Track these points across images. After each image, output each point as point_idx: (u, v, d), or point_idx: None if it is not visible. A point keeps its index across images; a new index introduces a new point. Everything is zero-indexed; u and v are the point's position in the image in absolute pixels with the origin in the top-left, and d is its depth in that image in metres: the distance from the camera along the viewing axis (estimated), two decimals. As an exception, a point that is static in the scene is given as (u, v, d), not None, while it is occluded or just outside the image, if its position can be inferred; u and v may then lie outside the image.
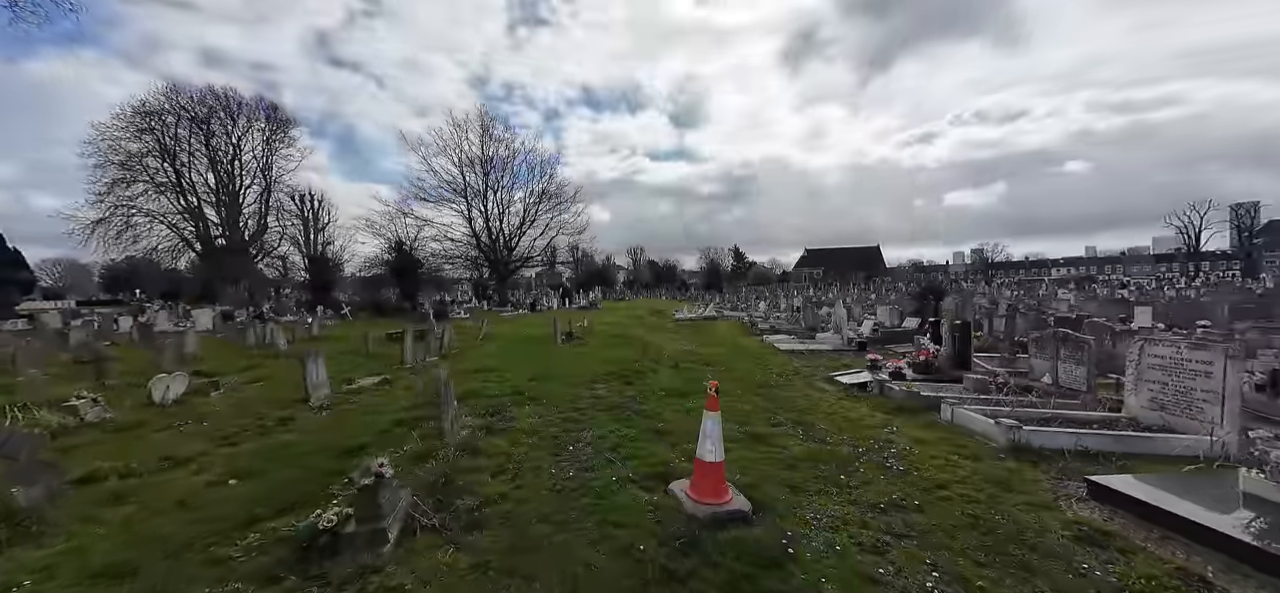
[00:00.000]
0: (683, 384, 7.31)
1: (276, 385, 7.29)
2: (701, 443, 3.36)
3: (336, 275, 37.01)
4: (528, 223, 34.38)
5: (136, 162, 33.56)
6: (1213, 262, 62.47)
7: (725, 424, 5.21)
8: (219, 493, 3.51)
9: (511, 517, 3.08)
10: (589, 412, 5.41)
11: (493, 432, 4.65)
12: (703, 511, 3.12)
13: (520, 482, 3.56)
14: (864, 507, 3.33)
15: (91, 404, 5.30)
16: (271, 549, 2.76)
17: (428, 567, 2.60)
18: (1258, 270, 53.47)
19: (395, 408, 5.67)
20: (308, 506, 3.28)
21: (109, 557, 2.70)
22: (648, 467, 3.93)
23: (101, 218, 31.98)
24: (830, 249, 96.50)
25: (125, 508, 3.29)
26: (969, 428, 4.81)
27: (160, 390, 5.97)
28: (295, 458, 4.11)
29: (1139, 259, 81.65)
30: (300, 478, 3.71)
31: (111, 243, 33.09)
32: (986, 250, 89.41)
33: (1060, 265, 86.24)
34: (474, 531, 2.97)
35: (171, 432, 5.02)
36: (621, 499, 3.34)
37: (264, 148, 39.01)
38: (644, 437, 4.70)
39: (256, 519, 3.10)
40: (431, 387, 5.03)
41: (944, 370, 7.39)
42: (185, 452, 4.36)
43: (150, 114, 33.98)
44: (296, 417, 5.42)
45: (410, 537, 2.92)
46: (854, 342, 12.22)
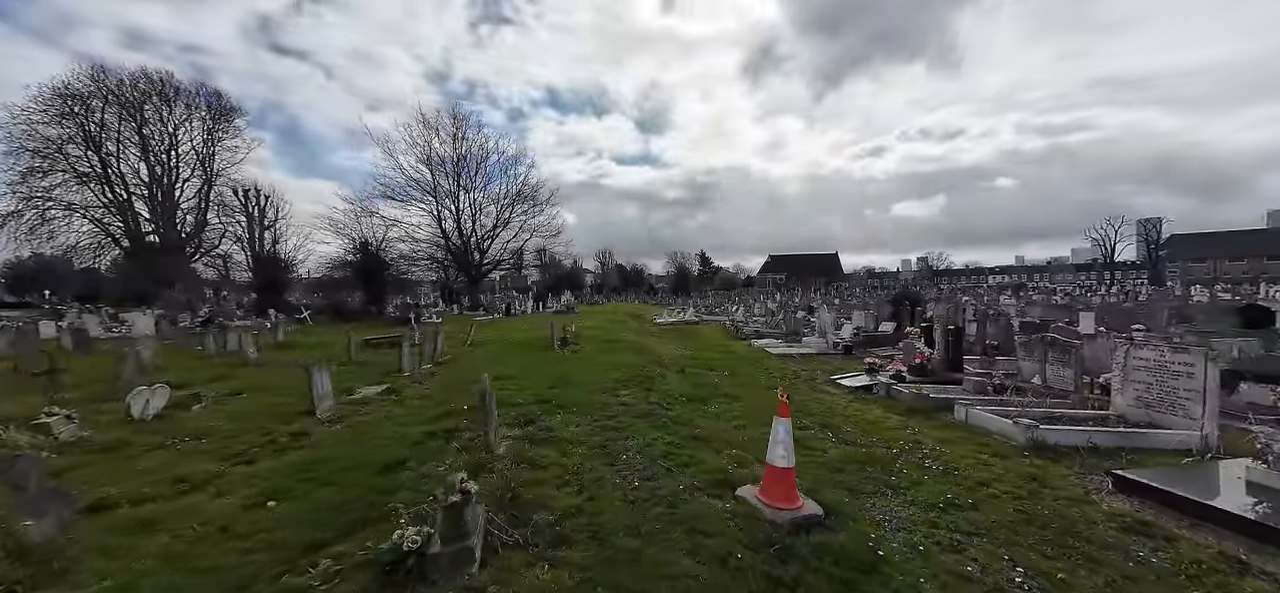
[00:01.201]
0: (696, 390, 7.38)
1: (266, 397, 6.75)
2: (773, 448, 3.43)
3: (287, 276, 34.64)
4: (501, 225, 33.52)
5: (55, 149, 30.10)
6: (1124, 271, 69.81)
7: (756, 429, 5.35)
8: (260, 517, 3.22)
9: (595, 530, 3.02)
10: (622, 419, 5.37)
11: (535, 442, 4.52)
12: (782, 516, 3.18)
13: (590, 494, 3.49)
14: (923, 507, 3.51)
15: (65, 421, 4.71)
16: (352, 576, 2.58)
17: (530, 586, 2.51)
18: (1163, 279, 60.25)
19: (420, 419, 5.40)
20: (369, 526, 3.09)
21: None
22: (704, 473, 3.96)
23: (13, 210, 28.43)
24: (792, 255, 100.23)
25: (158, 538, 2.95)
26: (984, 428, 5.15)
27: (140, 405, 5.38)
28: (329, 476, 3.84)
29: (1062, 268, 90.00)
30: (345, 497, 3.47)
31: (24, 238, 29.47)
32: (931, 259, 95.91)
33: (996, 273, 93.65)
34: (560, 546, 2.89)
35: (166, 450, 4.55)
36: (695, 507, 3.34)
37: (205, 138, 36.04)
38: (686, 443, 4.72)
39: (320, 544, 2.88)
40: (477, 398, 4.84)
41: (937, 373, 7.87)
42: (195, 472, 3.96)
43: (73, 97, 30.58)
44: (309, 432, 5.05)
45: (493, 555, 2.80)
46: (839, 346, 12.75)
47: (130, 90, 33.00)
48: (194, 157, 35.92)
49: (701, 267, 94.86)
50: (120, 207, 32.58)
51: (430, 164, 31.70)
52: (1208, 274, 65.55)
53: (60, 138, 30.65)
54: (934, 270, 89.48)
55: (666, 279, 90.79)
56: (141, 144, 33.46)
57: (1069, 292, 41.95)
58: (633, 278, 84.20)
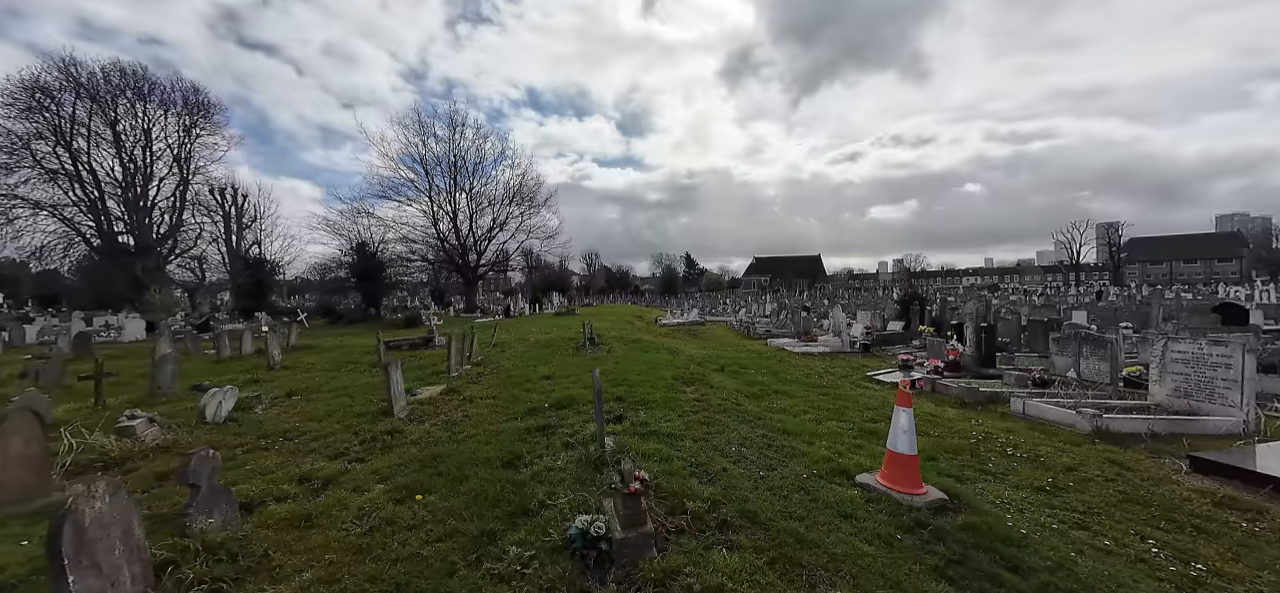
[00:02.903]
0: (748, 387, 7.59)
1: (325, 398, 6.66)
2: (896, 437, 3.65)
3: (273, 278, 33.53)
4: (498, 226, 33.19)
5: (21, 144, 28.41)
6: (1088, 273, 73.58)
7: (830, 422, 5.59)
8: (416, 510, 3.26)
9: (752, 515, 3.17)
10: (704, 415, 5.53)
11: (638, 436, 4.63)
12: (917, 501, 3.40)
13: (723, 483, 3.64)
14: (1029, 490, 3.79)
15: (148, 424, 4.59)
16: (546, 561, 2.66)
17: (720, 568, 2.64)
18: (1123, 280, 63.77)
19: (503, 417, 5.43)
20: (527, 517, 3.17)
21: (387, 584, 2.47)
22: (813, 463, 4.16)
23: (-27, 209, 26.69)
24: (777, 257, 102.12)
25: (326, 532, 2.97)
26: (1043, 418, 5.51)
27: (213, 407, 5.26)
28: (455, 471, 3.87)
29: (1030, 270, 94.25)
30: (484, 491, 3.52)
31: (-13, 238, 27.65)
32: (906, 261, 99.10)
33: (970, 274, 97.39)
34: (724, 531, 3.03)
35: (267, 451, 4.49)
36: (828, 493, 3.53)
37: (181, 135, 34.52)
38: (777, 435, 4.92)
39: (494, 533, 2.95)
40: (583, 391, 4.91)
41: (970, 368, 8.29)
42: (316, 470, 3.95)
43: (41, 90, 28.93)
44: (400, 430, 5.03)
45: (664, 541, 2.93)
46: (856, 344, 13.18)
47: (103, 84, 31.44)
48: (169, 154, 34.38)
49: (687, 268, 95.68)
50: (91, 205, 30.94)
51: (426, 164, 31.23)
52: (1165, 275, 69.72)
53: (27, 133, 28.99)
54: (911, 272, 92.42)
55: (652, 281, 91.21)
56: (114, 140, 31.89)
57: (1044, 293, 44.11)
58: (618, 279, 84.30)
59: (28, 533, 3.01)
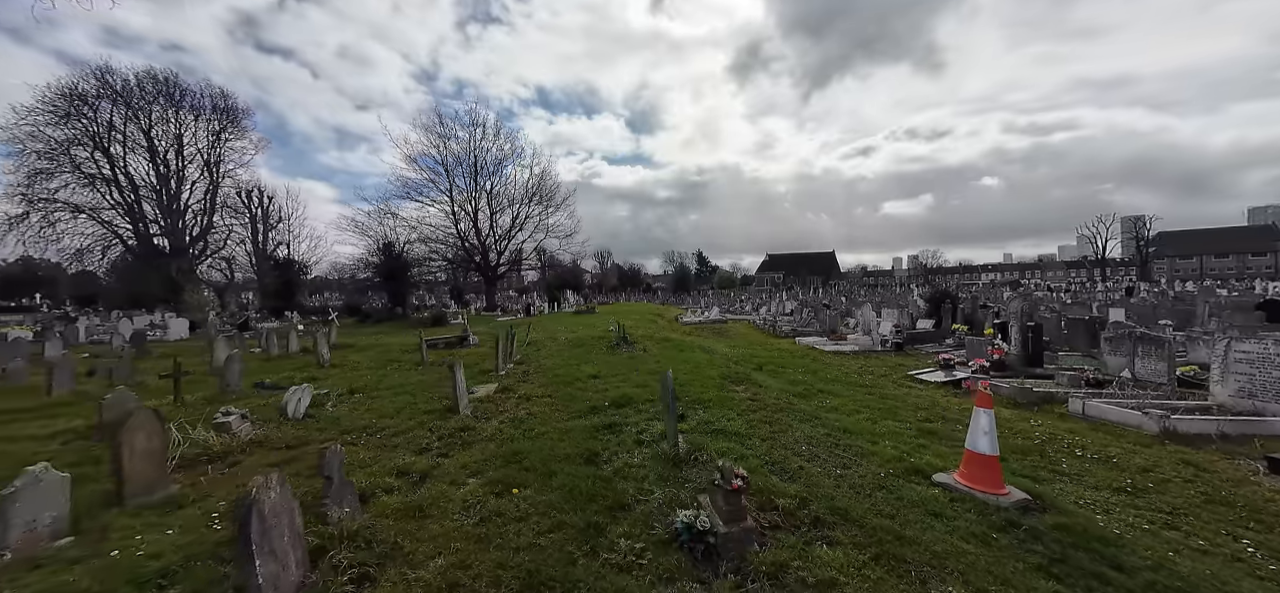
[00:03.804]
0: (792, 386, 7.65)
1: (388, 395, 6.92)
2: (976, 437, 3.71)
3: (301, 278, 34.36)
4: (517, 226, 33.55)
5: (61, 150, 29.50)
6: (1112, 268, 71.69)
7: (886, 422, 5.65)
8: (515, 504, 3.41)
9: (842, 512, 3.27)
10: (763, 414, 5.63)
11: (707, 434, 4.75)
12: (1002, 500, 3.46)
13: (804, 480, 3.74)
14: (1109, 491, 3.82)
15: (241, 421, 4.84)
16: (657, 552, 2.80)
17: (825, 562, 2.75)
18: (1151, 275, 62.01)
19: (567, 414, 5.60)
20: (623, 511, 3.31)
21: (517, 571, 2.63)
22: (885, 462, 4.23)
23: (20, 213, 27.81)
24: (790, 254, 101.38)
25: (441, 522, 3.15)
26: (1105, 418, 5.49)
27: (293, 404, 5.52)
28: (541, 466, 4.03)
29: (1053, 265, 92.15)
30: (575, 486, 3.66)
31: (32, 241, 28.80)
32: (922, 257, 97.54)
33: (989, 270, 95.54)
34: (818, 527, 3.14)
35: (351, 446, 4.70)
36: (911, 492, 3.61)
37: (211, 139, 35.48)
38: (839, 435, 5.00)
39: (599, 526, 3.09)
40: (663, 390, 5.07)
41: (1016, 368, 8.24)
42: (409, 465, 4.14)
43: (79, 98, 30.00)
44: (472, 427, 5.23)
45: (760, 536, 3.04)
46: (888, 343, 13.13)
47: (137, 90, 32.47)
48: (200, 158, 35.38)
49: (699, 266, 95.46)
50: (128, 208, 32.01)
51: (446, 164, 31.68)
52: (1195, 270, 67.62)
53: (66, 139, 30.08)
54: (928, 268, 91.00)
55: (664, 279, 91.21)
56: (149, 145, 32.92)
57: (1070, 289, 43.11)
58: (629, 277, 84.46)
59: (164, 523, 3.24)
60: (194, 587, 2.48)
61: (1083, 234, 77.47)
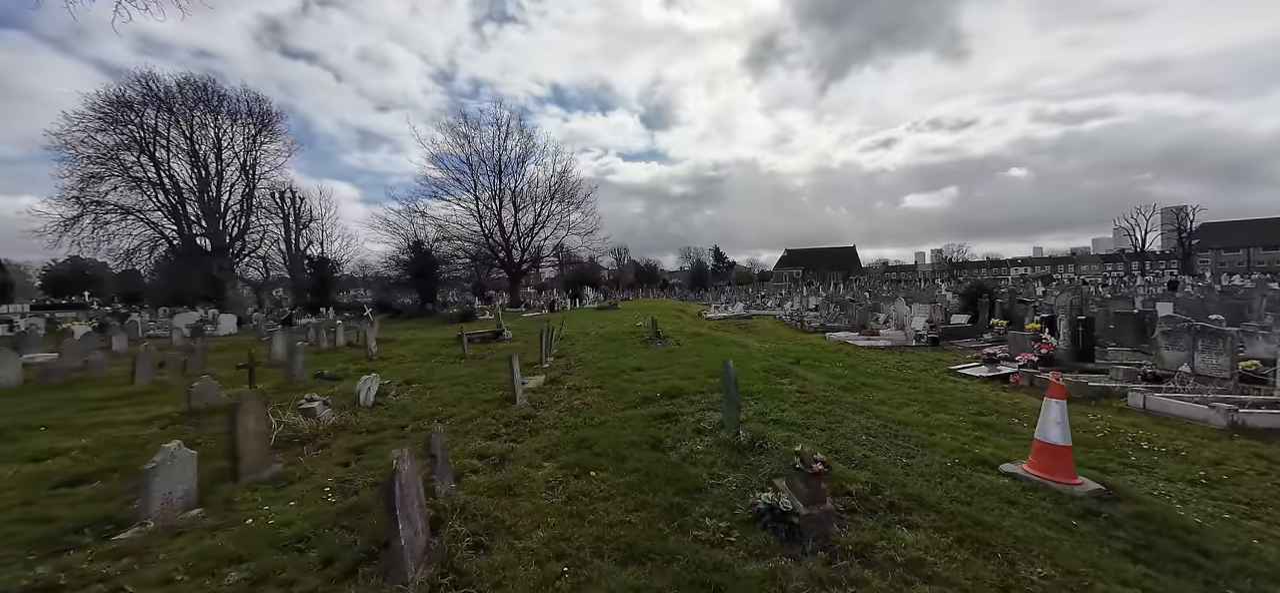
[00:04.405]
0: (833, 381, 7.69)
1: (445, 387, 7.22)
2: (1048, 428, 3.74)
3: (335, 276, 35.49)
4: (539, 224, 34.02)
5: (110, 156, 31.07)
6: (1151, 261, 68.68)
7: (940, 415, 5.66)
8: (596, 485, 3.59)
9: (917, 498, 3.35)
10: (815, 405, 5.71)
11: (762, 423, 4.86)
12: (1076, 490, 3.49)
13: (871, 468, 3.83)
14: (1181, 483, 3.80)
15: (323, 407, 5.16)
16: (743, 530, 2.93)
17: (908, 544, 2.84)
18: (1194, 269, 59.22)
19: (622, 404, 5.78)
20: (699, 493, 3.45)
21: (614, 543, 2.80)
22: (947, 452, 4.28)
23: (76, 215, 29.42)
24: (809, 249, 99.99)
25: (532, 500, 3.35)
26: (1167, 412, 5.40)
27: (365, 392, 5.84)
28: (611, 451, 4.21)
29: (1087, 259, 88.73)
30: (648, 470, 3.82)
31: (85, 242, 30.44)
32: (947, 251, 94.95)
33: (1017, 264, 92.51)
34: (895, 511, 3.23)
35: (424, 431, 4.97)
36: (982, 482, 3.67)
37: (247, 143, 36.83)
38: (896, 426, 5.05)
39: (682, 507, 3.24)
40: (725, 384, 5.19)
41: (1065, 363, 8.10)
42: (487, 449, 4.37)
43: (125, 105, 31.53)
44: (534, 415, 5.45)
45: (839, 518, 3.15)
46: (923, 338, 12.97)
47: (177, 96, 33.91)
48: (237, 160, 36.76)
49: (716, 261, 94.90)
50: (172, 210, 33.53)
51: (471, 164, 32.28)
52: (1241, 263, 64.31)
53: (115, 145, 31.64)
54: (953, 262, 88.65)
55: (680, 275, 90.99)
56: (189, 149, 34.39)
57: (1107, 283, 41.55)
58: (646, 274, 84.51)
59: (281, 496, 3.52)
60: (329, 551, 2.72)
61: (1120, 226, 74.30)
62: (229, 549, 2.73)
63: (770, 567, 2.60)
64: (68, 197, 29.95)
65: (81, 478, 3.90)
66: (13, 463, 4.20)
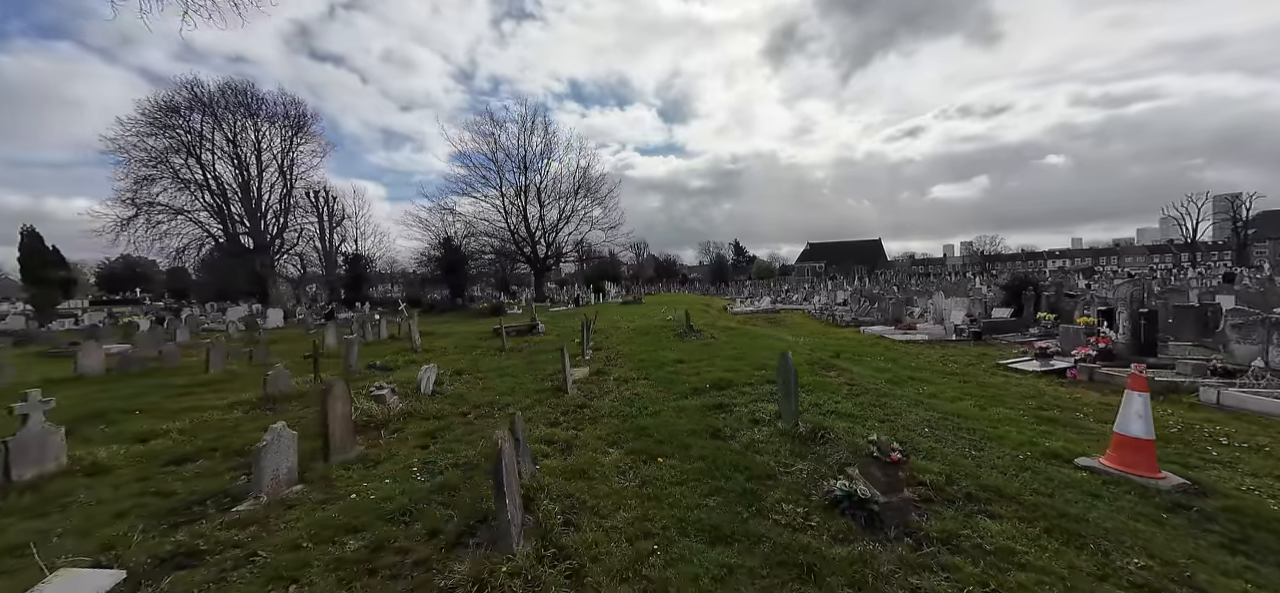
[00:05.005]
0: (878, 375, 7.59)
1: (493, 377, 7.45)
2: (1129, 421, 3.65)
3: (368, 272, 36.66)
4: (563, 219, 34.37)
5: (160, 159, 32.80)
6: (1203, 252, 64.77)
7: (997, 409, 5.56)
8: (666, 471, 3.69)
9: (995, 490, 3.33)
10: (867, 397, 5.69)
11: (818, 414, 4.88)
12: (1163, 484, 3.41)
13: (940, 459, 3.82)
14: (1270, 478, 3.65)
15: (391, 393, 5.42)
16: (823, 516, 2.98)
17: (991, 533, 2.84)
18: (1249, 260, 55.62)
19: (671, 394, 5.87)
20: (769, 479, 3.51)
21: (697, 525, 2.89)
22: (1015, 445, 4.21)
23: (131, 216, 31.22)
24: (832, 243, 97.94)
25: (606, 482, 3.47)
26: (1244, 408, 5.17)
27: (425, 381, 6.09)
28: (672, 439, 4.31)
29: (1132, 250, 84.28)
30: (713, 458, 3.89)
31: (140, 240, 32.28)
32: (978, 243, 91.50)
33: (1055, 256, 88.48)
34: (973, 501, 3.22)
35: (485, 418, 5.18)
36: (1059, 475, 3.61)
37: (284, 144, 38.28)
38: (955, 419, 4.99)
39: (753, 493, 3.31)
40: (782, 373, 5.24)
41: (1124, 357, 7.79)
42: (553, 436, 4.52)
43: (173, 110, 33.21)
44: (588, 404, 5.60)
45: (917, 507, 3.16)
46: (965, 332, 12.64)
47: (221, 101, 35.51)
48: (275, 162, 38.26)
49: (736, 256, 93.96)
50: (217, 210, 35.23)
51: (497, 160, 32.81)
52: (1305, 255, 60.06)
53: (164, 148, 33.38)
54: (985, 255, 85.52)
55: (700, 269, 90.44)
56: (232, 151, 36.02)
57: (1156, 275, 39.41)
58: (665, 268, 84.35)
59: (372, 474, 3.74)
60: (431, 523, 2.90)
61: (1168, 216, 70.19)
62: (342, 521, 2.94)
63: (858, 551, 2.64)
64: (123, 198, 31.76)
65: (186, 457, 4.22)
66: (121, 443, 4.57)
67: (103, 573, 2.30)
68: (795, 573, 2.47)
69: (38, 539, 2.88)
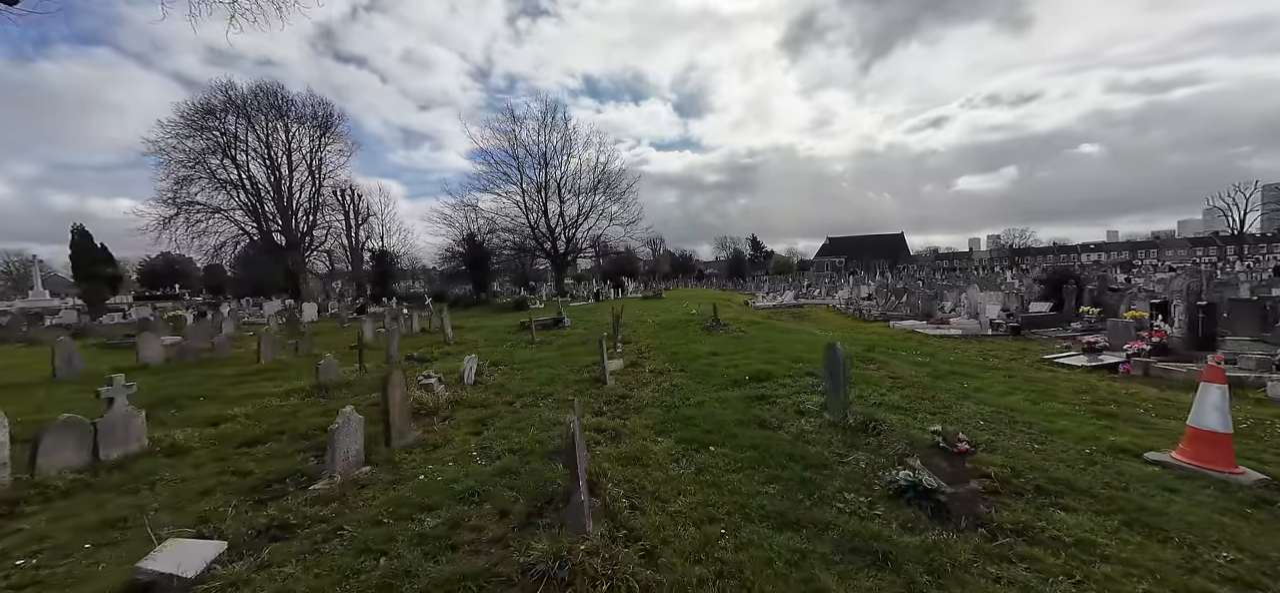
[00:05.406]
0: (918, 369, 7.44)
1: (532, 369, 7.58)
2: (1204, 414, 3.51)
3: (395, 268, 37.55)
4: (583, 215, 34.54)
5: (198, 159, 34.13)
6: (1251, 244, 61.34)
7: (1050, 403, 5.40)
8: (717, 459, 3.71)
9: (1065, 483, 3.25)
10: (913, 390, 5.59)
11: (867, 405, 4.82)
12: (1243, 479, 3.27)
13: (1003, 452, 3.74)
14: (1363, 474, 3.47)
15: (438, 383, 5.57)
16: (887, 506, 2.95)
17: (1064, 525, 2.77)
18: (1305, 254, 52.40)
19: (710, 386, 5.89)
20: (824, 468, 3.49)
21: (761, 511, 2.91)
22: (1078, 439, 4.10)
23: (173, 214, 32.59)
24: (852, 237, 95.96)
25: (666, 470, 3.51)
26: (1323, 404, 4.91)
27: (469, 372, 6.24)
28: (720, 429, 4.33)
29: (1172, 243, 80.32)
30: (764, 447, 3.89)
31: (181, 238, 33.68)
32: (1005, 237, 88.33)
33: (1089, 250, 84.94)
34: (1042, 494, 3.15)
35: (533, 407, 5.28)
36: (1131, 468, 3.50)
37: (313, 144, 39.34)
38: (1008, 412, 4.87)
39: (810, 482, 3.30)
40: (832, 363, 5.20)
41: (1180, 352, 7.47)
42: (602, 425, 4.58)
43: (209, 112, 34.48)
44: (630, 396, 5.65)
45: (985, 498, 3.11)
46: (1003, 327, 12.29)
47: (253, 103, 36.72)
48: (305, 161, 39.39)
49: (753, 251, 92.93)
50: (251, 209, 36.53)
51: (517, 157, 33.13)
52: (1366, 248, 56.37)
53: (202, 149, 34.73)
54: (1013, 249, 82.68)
55: (716, 265, 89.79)
56: (264, 152, 37.24)
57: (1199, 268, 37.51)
58: (681, 264, 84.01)
59: (434, 458, 3.86)
60: (499, 504, 2.98)
61: (1214, 206, 66.63)
62: (416, 500, 3.05)
63: (930, 540, 2.62)
64: (164, 198, 33.16)
65: (256, 439, 4.42)
66: (194, 426, 4.81)
67: (207, 543, 2.44)
68: (870, 559, 2.46)
69: (134, 514, 3.07)
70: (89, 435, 3.77)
